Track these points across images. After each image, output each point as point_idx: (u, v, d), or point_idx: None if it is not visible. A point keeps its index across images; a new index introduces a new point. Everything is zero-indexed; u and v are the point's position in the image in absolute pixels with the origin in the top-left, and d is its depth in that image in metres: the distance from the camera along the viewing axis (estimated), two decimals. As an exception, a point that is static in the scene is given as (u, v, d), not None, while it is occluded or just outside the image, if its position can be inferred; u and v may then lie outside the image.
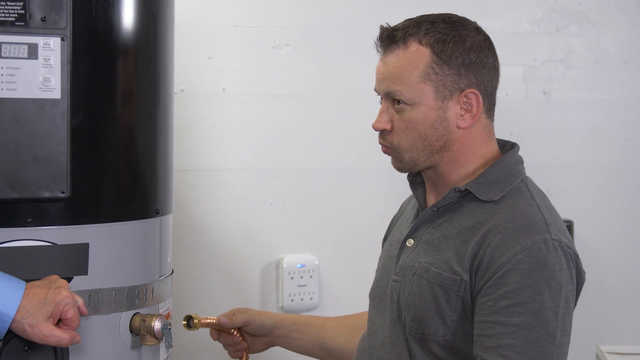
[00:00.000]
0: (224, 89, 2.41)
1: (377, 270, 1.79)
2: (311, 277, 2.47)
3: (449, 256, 1.56)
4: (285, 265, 2.45)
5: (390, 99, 1.59)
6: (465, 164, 1.62)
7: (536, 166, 2.79)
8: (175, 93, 1.79)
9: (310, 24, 2.49)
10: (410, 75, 1.57)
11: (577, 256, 1.54)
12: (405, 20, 1.62)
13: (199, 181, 2.39)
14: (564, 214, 2.82)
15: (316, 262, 2.48)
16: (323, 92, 2.50)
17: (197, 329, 1.84)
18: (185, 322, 1.83)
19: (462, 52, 1.59)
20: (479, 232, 1.53)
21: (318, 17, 2.50)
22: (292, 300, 2.44)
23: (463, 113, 1.60)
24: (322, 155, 2.51)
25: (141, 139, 1.60)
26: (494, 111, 1.66)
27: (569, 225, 2.81)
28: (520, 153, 1.73)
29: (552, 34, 2.80)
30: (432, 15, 1.62)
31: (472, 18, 2.82)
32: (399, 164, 1.63)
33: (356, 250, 2.54)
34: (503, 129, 2.73)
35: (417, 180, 1.72)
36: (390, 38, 1.60)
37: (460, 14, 2.67)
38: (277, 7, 2.46)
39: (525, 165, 1.71)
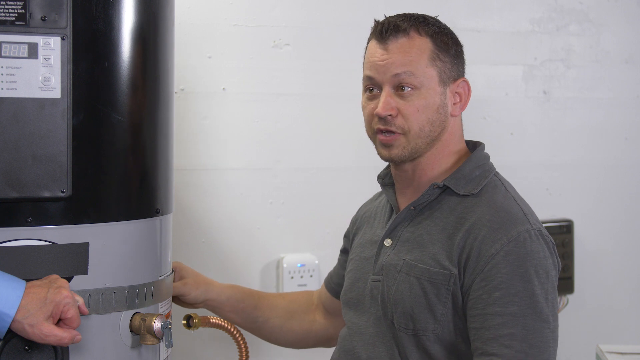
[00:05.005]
0: (224, 89, 2.41)
1: (348, 272, 1.81)
2: (311, 276, 2.47)
3: (436, 252, 1.59)
4: (285, 265, 2.45)
5: (395, 85, 1.62)
6: (444, 159, 1.68)
7: (536, 166, 2.80)
8: (175, 92, 1.78)
9: (310, 23, 2.49)
10: (419, 59, 1.62)
11: (554, 244, 1.61)
12: (393, 16, 1.68)
13: (199, 180, 2.39)
14: (564, 214, 2.83)
15: (316, 262, 2.48)
16: (323, 91, 2.50)
17: (197, 328, 1.84)
18: (185, 322, 1.83)
19: (453, 43, 1.67)
20: (463, 227, 1.58)
21: (318, 15, 2.50)
22: (292, 300, 2.44)
23: (455, 101, 1.67)
24: (322, 155, 2.51)
25: (141, 138, 1.60)
26: None
27: (569, 225, 2.81)
28: (520, 153, 1.78)
29: (552, 33, 2.80)
30: (415, 13, 1.68)
31: (472, 18, 2.82)
32: (400, 151, 1.63)
33: (356, 250, 2.53)
34: (503, 128, 2.75)
35: (386, 181, 1.78)
36: (395, 27, 1.63)
37: (461, 13, 2.68)
38: (277, 6, 2.45)
39: (525, 164, 1.75)
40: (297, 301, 2.00)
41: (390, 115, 1.61)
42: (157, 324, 1.55)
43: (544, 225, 2.76)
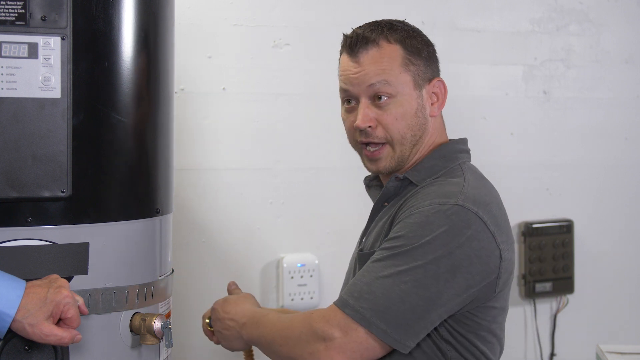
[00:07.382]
0: (224, 89, 2.41)
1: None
2: (311, 276, 2.47)
3: (378, 234, 1.63)
4: (285, 265, 2.45)
5: (371, 96, 1.63)
6: (418, 154, 1.68)
7: (536, 166, 2.80)
8: (175, 92, 1.78)
9: (310, 23, 2.49)
10: (392, 67, 1.62)
11: (486, 226, 1.53)
12: (361, 27, 1.68)
13: (199, 180, 2.39)
14: (564, 214, 2.84)
15: (316, 262, 2.48)
16: (323, 91, 2.50)
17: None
18: (208, 321, 1.81)
19: (423, 45, 1.67)
20: (401, 207, 1.60)
21: (318, 16, 2.50)
22: (292, 300, 2.44)
23: (433, 101, 1.67)
24: (322, 154, 2.51)
25: (141, 138, 1.60)
26: None
27: (569, 225, 2.81)
28: (520, 152, 1.75)
29: (552, 33, 2.80)
30: (382, 20, 1.69)
31: (472, 18, 2.81)
32: (388, 163, 1.65)
33: (356, 250, 2.53)
34: (503, 128, 2.75)
35: (372, 183, 1.79)
36: (364, 39, 1.64)
37: (461, 13, 2.68)
38: (277, 6, 2.46)
39: (525, 164, 1.72)
40: None
41: (370, 127, 1.63)
42: (157, 324, 1.55)
43: (544, 225, 2.79)
